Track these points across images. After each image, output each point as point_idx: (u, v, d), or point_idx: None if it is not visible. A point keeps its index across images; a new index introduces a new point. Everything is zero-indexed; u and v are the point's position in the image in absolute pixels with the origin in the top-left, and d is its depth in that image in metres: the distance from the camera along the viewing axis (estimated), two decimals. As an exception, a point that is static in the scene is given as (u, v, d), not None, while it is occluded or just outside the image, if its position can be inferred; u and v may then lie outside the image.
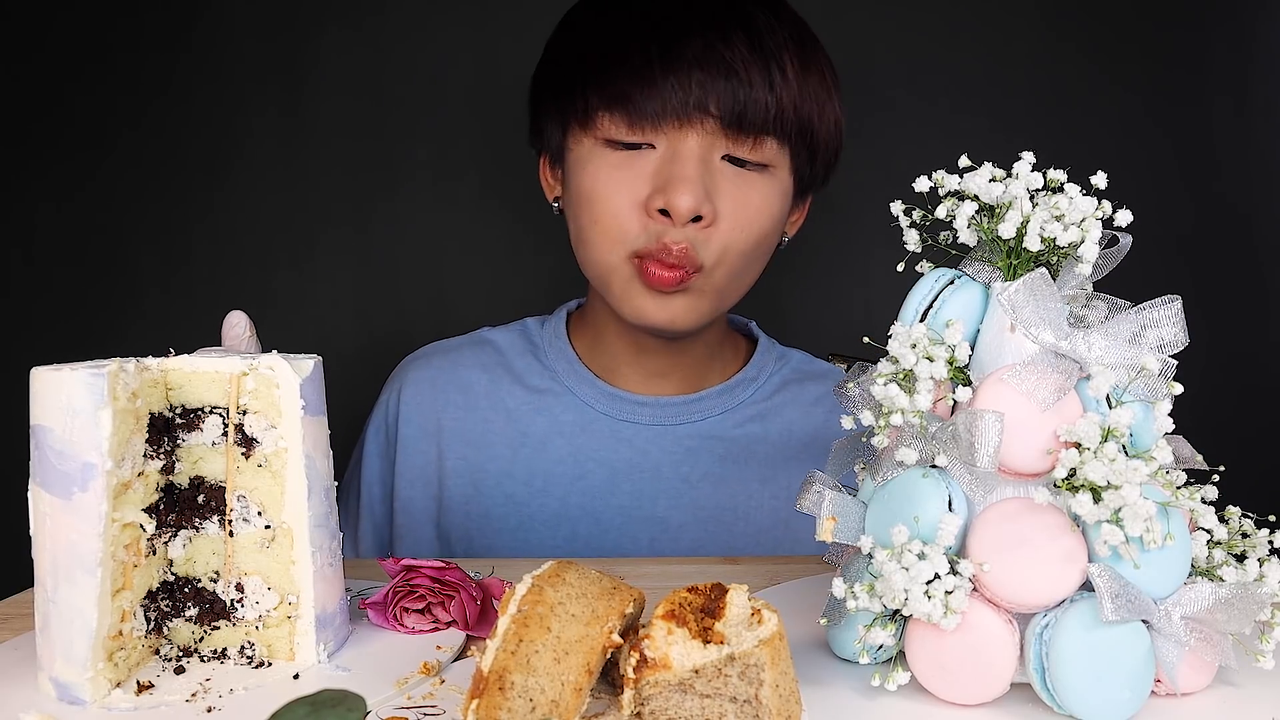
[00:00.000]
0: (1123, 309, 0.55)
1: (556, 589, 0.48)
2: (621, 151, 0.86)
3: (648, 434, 0.96)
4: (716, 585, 0.47)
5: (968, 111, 1.35)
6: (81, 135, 1.34)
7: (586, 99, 0.86)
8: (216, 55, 1.34)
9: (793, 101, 0.85)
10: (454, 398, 0.99)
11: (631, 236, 0.85)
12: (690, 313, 0.88)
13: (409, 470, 0.99)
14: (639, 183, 0.85)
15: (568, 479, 0.96)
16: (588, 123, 0.86)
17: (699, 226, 0.84)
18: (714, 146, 0.85)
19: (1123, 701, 0.49)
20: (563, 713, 0.44)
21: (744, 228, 0.86)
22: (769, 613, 0.46)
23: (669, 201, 0.82)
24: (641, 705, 0.47)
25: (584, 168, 0.87)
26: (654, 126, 0.84)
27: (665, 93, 0.82)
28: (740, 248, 0.87)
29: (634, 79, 0.83)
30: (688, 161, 0.83)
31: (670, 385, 0.98)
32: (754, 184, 0.87)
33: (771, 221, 0.89)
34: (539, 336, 1.02)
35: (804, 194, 0.95)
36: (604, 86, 0.85)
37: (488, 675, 0.44)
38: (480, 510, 0.97)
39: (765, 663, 0.45)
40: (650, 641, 0.46)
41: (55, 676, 0.53)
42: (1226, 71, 1.35)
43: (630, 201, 0.85)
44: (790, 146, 0.88)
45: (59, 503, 0.52)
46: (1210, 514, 0.51)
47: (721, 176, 0.85)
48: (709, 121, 0.83)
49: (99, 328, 1.35)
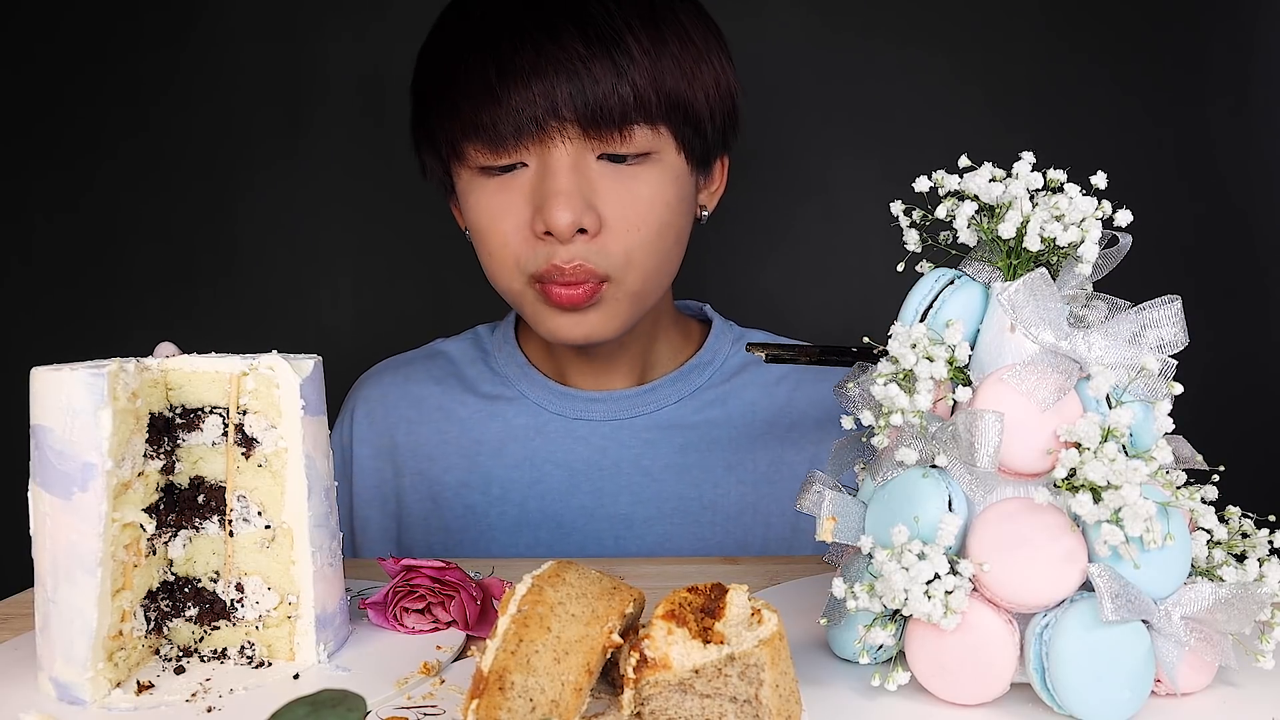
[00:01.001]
0: (1123, 309, 0.55)
1: (556, 589, 0.48)
2: (497, 176, 0.83)
3: (604, 430, 0.94)
4: (716, 585, 0.47)
5: (968, 111, 1.35)
6: (82, 136, 1.34)
7: (449, 131, 0.83)
8: (216, 55, 1.34)
9: (649, 82, 0.80)
10: (406, 413, 0.97)
11: (524, 261, 0.83)
12: (608, 323, 0.85)
13: (365, 491, 0.98)
14: (520, 205, 0.82)
15: (525, 484, 0.94)
16: (458, 154, 0.84)
17: (587, 239, 0.81)
18: (583, 151, 0.81)
19: (1123, 701, 0.49)
20: (563, 713, 0.44)
21: (639, 225, 0.83)
22: (769, 613, 0.46)
23: (548, 221, 0.79)
24: (641, 705, 0.47)
25: (468, 200, 0.86)
26: (516, 146, 0.81)
27: (513, 110, 0.79)
28: (643, 246, 0.83)
29: (479, 103, 0.80)
30: (558, 175, 0.80)
31: (620, 378, 0.96)
32: (639, 177, 0.83)
33: (669, 211, 0.85)
34: (489, 343, 1.01)
35: (706, 165, 0.90)
36: (457, 116, 0.82)
37: (488, 675, 0.44)
38: (440, 524, 0.95)
39: (765, 663, 0.45)
40: (650, 641, 0.46)
41: (55, 676, 0.53)
42: (1226, 71, 1.35)
43: (514, 226, 0.83)
44: (667, 127, 0.83)
45: (59, 503, 0.52)
46: (1210, 514, 0.51)
47: (601, 179, 0.82)
48: (569, 127, 0.80)
49: (99, 328, 1.35)
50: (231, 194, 1.35)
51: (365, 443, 0.98)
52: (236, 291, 1.35)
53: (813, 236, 1.38)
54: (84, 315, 1.36)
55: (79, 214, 1.35)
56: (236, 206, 1.35)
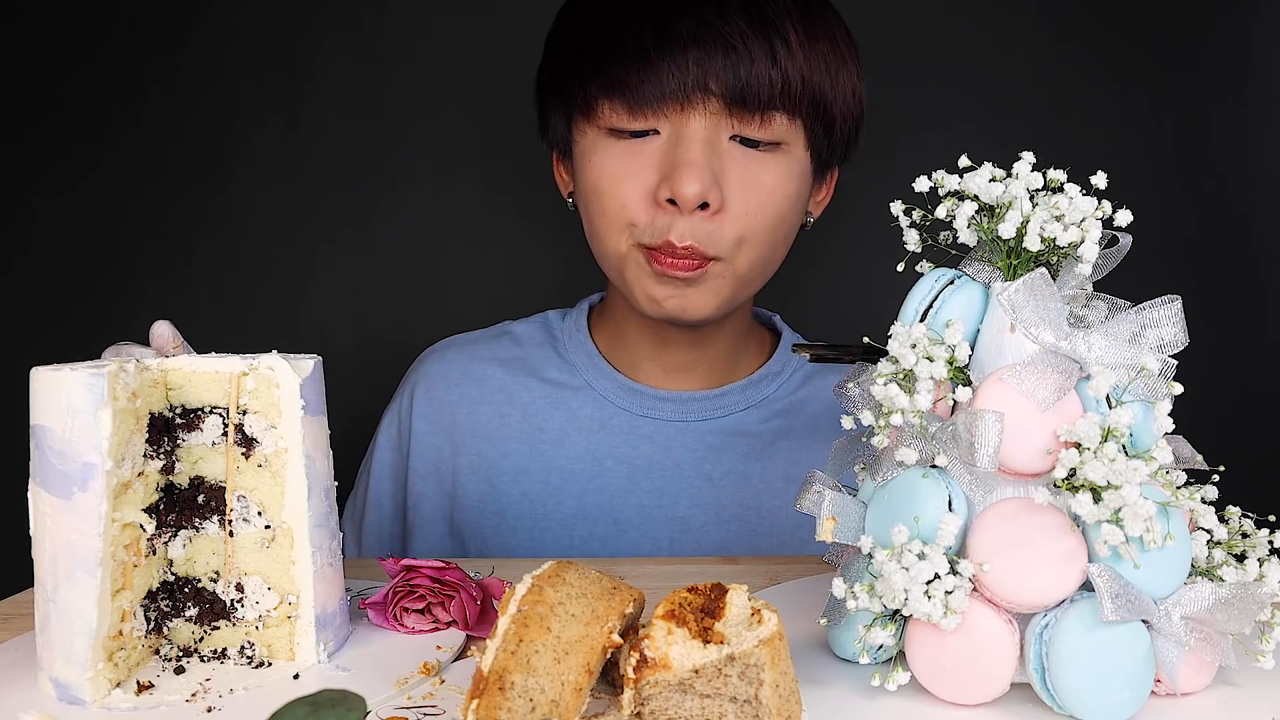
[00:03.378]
0: (1123, 309, 0.55)
1: (556, 589, 0.48)
2: (626, 140, 0.83)
3: (669, 430, 0.94)
4: (716, 585, 0.47)
5: (968, 111, 1.35)
6: (81, 136, 1.34)
7: (586, 88, 0.83)
8: (216, 54, 1.34)
9: (799, 73, 0.81)
10: (468, 392, 0.97)
11: (639, 229, 0.83)
12: (708, 301, 0.85)
13: (422, 465, 0.97)
14: (646, 171, 0.82)
15: (585, 476, 0.94)
16: (589, 113, 0.84)
17: (707, 215, 0.81)
18: (720, 127, 0.82)
19: (1123, 701, 0.49)
20: (563, 713, 0.44)
21: (757, 212, 0.83)
22: (769, 613, 0.46)
23: (674, 189, 0.79)
24: (641, 705, 0.47)
25: (589, 160, 0.85)
26: (655, 111, 0.81)
27: (662, 75, 0.80)
28: (758, 233, 0.84)
29: (629, 63, 0.80)
30: (692, 145, 0.80)
31: (693, 380, 0.96)
32: (766, 164, 0.83)
33: (788, 203, 0.85)
34: (559, 329, 1.00)
35: (824, 171, 0.91)
36: (601, 74, 0.82)
37: (488, 675, 0.44)
38: (495, 508, 0.95)
39: (765, 663, 0.45)
40: (650, 641, 0.46)
41: (55, 676, 0.53)
42: (1226, 72, 1.35)
43: (638, 191, 0.83)
44: (803, 121, 0.84)
45: (59, 503, 0.52)
46: (1210, 514, 0.52)
47: (730, 159, 0.82)
48: (712, 101, 0.80)
49: (98, 328, 1.35)
50: (231, 193, 1.35)
51: (424, 418, 0.97)
52: (236, 291, 1.35)
53: (813, 236, 1.38)
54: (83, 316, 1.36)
55: (79, 214, 1.35)
56: (236, 205, 1.35)
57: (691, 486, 0.93)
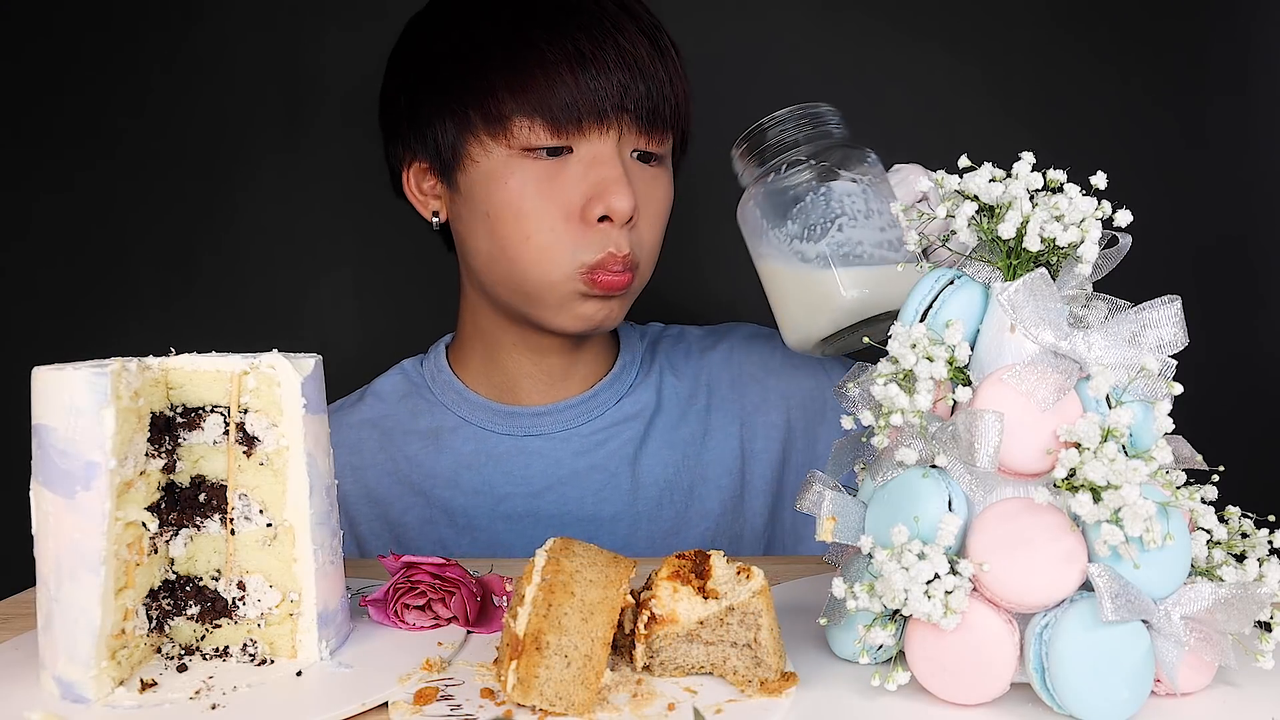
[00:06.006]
0: (1123, 309, 0.55)
1: (570, 559, 0.54)
2: (544, 160, 0.82)
3: (555, 442, 0.93)
4: (699, 551, 0.56)
5: (968, 111, 1.35)
6: (81, 135, 1.34)
7: (500, 104, 0.82)
8: (216, 54, 1.34)
9: (682, 92, 0.86)
10: (350, 460, 0.94)
11: (577, 249, 0.82)
12: (623, 308, 0.88)
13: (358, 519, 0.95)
14: (567, 192, 0.82)
15: (487, 508, 0.92)
16: (499, 130, 0.82)
17: (629, 228, 0.83)
18: (626, 145, 0.84)
19: (1123, 701, 0.49)
20: (595, 665, 0.50)
21: (655, 223, 0.87)
22: (755, 569, 0.54)
23: (609, 207, 0.80)
24: (651, 658, 0.54)
25: (503, 181, 0.83)
26: (578, 129, 0.81)
27: (589, 95, 0.80)
28: (656, 242, 0.88)
29: (554, 83, 0.80)
30: (615, 163, 0.82)
31: (573, 385, 0.95)
32: (658, 177, 0.87)
33: (668, 213, 0.89)
34: (420, 375, 0.98)
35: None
36: (522, 91, 0.81)
37: (523, 638, 0.49)
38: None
39: (762, 609, 0.53)
40: (658, 600, 0.54)
41: (59, 675, 0.53)
42: (1226, 71, 1.35)
43: (562, 214, 0.82)
44: (674, 134, 0.88)
45: (62, 502, 0.52)
46: (1210, 514, 0.52)
47: (634, 174, 0.84)
48: (626, 120, 0.83)
49: (99, 328, 1.35)
50: (232, 193, 1.35)
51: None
52: (237, 291, 1.35)
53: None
54: (84, 315, 1.36)
55: (79, 215, 1.35)
56: (237, 205, 1.35)
57: (595, 485, 0.93)
